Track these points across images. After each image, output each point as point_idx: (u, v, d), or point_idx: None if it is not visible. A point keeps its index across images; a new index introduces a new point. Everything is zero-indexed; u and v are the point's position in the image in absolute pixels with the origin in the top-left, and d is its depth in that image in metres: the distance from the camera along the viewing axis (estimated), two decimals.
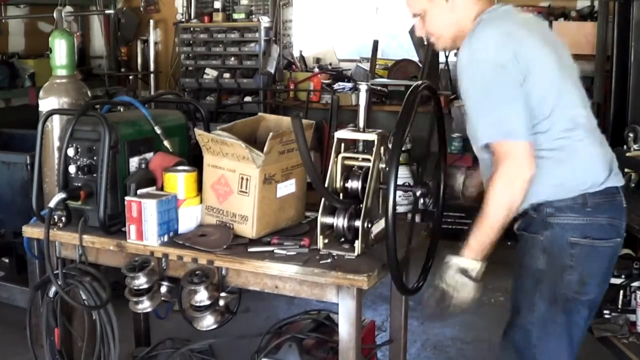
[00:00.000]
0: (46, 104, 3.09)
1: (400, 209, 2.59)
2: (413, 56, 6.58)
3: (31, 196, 2.57)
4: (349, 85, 6.62)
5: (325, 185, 2.27)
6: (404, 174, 2.73)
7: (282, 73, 6.87)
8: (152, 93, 7.14)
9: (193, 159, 2.64)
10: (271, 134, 2.33)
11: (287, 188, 2.47)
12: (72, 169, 2.50)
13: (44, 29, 6.76)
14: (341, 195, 2.32)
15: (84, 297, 2.50)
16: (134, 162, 2.53)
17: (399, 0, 6.91)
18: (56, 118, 2.96)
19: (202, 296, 2.27)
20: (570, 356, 2.26)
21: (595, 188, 2.18)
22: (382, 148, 2.28)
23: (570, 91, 2.23)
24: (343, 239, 2.29)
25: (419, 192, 2.34)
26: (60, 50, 3.11)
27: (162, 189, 2.47)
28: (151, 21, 7.23)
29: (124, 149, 2.48)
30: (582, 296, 2.21)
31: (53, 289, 2.54)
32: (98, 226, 2.44)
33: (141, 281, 2.33)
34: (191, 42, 7.12)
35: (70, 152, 2.49)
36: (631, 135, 4.00)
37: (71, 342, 2.71)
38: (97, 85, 6.77)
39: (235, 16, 7.05)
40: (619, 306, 3.57)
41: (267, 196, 2.39)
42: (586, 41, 5.38)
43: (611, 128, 4.70)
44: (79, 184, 2.49)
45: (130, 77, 7.42)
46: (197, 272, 2.28)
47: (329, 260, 2.21)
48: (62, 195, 2.45)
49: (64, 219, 2.51)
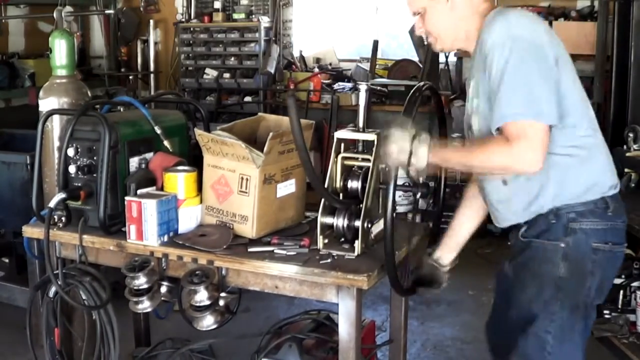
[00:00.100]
0: (46, 104, 3.09)
1: (400, 209, 2.60)
2: (413, 56, 6.58)
3: (31, 196, 2.57)
4: (349, 85, 6.62)
5: (325, 185, 2.27)
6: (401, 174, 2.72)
7: (282, 73, 6.86)
8: (152, 93, 7.14)
9: (193, 159, 2.64)
10: (271, 134, 2.33)
11: (287, 188, 2.47)
12: (72, 169, 2.50)
13: (44, 29, 6.76)
14: (341, 195, 2.32)
15: (84, 297, 2.50)
16: (134, 162, 2.53)
17: (399, 0, 6.93)
18: (56, 118, 2.96)
19: (202, 296, 2.27)
20: None
21: (613, 191, 2.13)
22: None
23: (584, 92, 2.16)
24: (343, 239, 2.29)
25: (419, 193, 2.34)
26: (60, 50, 3.10)
27: (162, 189, 2.47)
28: (151, 21, 7.23)
29: (124, 149, 2.49)
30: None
31: (53, 289, 2.54)
32: (98, 226, 2.44)
33: (141, 281, 2.33)
34: (191, 42, 7.12)
35: (70, 152, 2.49)
36: (631, 135, 4.00)
37: (71, 342, 2.71)
38: (97, 85, 6.76)
39: (235, 16, 7.04)
40: (619, 306, 3.57)
41: (267, 196, 2.39)
42: (586, 41, 5.37)
43: (611, 128, 4.70)
44: (79, 184, 2.49)
45: (130, 77, 7.42)
46: (197, 272, 2.28)
47: (329, 260, 2.21)
48: (62, 195, 2.45)
49: (64, 219, 2.51)
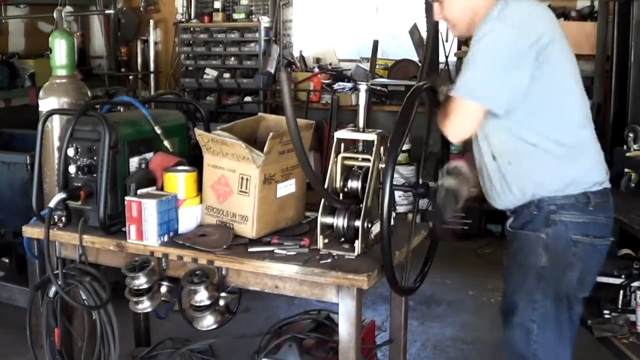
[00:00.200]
0: (46, 104, 3.09)
1: (400, 209, 2.60)
2: (413, 56, 6.57)
3: (31, 196, 2.57)
4: (349, 85, 6.62)
5: (325, 186, 2.27)
6: (406, 174, 2.72)
7: None
8: (152, 93, 7.13)
9: (193, 159, 2.64)
10: (271, 134, 2.33)
11: (287, 188, 2.46)
12: (72, 169, 2.50)
13: (44, 29, 6.76)
14: (341, 195, 2.32)
15: (84, 297, 2.50)
16: (134, 162, 2.53)
17: (399, 0, 6.93)
18: (56, 118, 2.96)
19: (202, 296, 2.27)
20: (569, 353, 2.29)
21: (597, 187, 2.22)
22: (382, 148, 2.28)
23: (581, 89, 2.27)
24: (343, 239, 2.29)
25: (418, 193, 2.34)
26: (60, 50, 3.10)
27: (162, 189, 2.47)
28: (151, 21, 7.22)
29: (124, 149, 2.49)
30: (580, 294, 2.25)
31: (53, 289, 2.54)
32: (98, 226, 2.44)
33: (141, 281, 2.33)
34: (191, 42, 7.11)
35: (70, 152, 2.49)
36: (631, 135, 3.99)
37: (71, 342, 2.71)
38: (97, 85, 6.76)
39: (235, 16, 7.04)
40: (619, 306, 3.56)
41: (267, 196, 2.39)
42: (586, 41, 5.37)
43: (611, 128, 4.70)
44: (79, 184, 2.49)
45: (130, 77, 7.41)
46: (197, 272, 2.28)
47: (329, 260, 2.21)
48: (62, 195, 2.45)
49: (64, 219, 2.51)
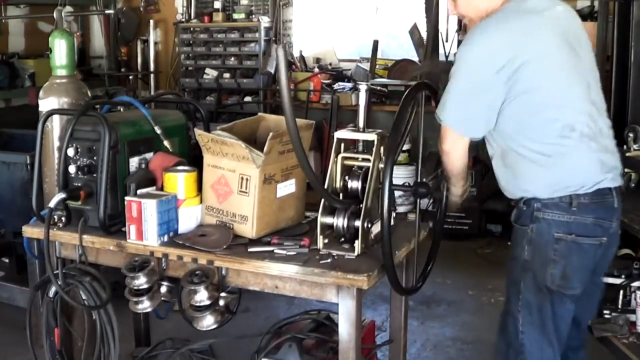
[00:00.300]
0: (46, 104, 3.08)
1: (400, 209, 2.60)
2: (413, 56, 6.57)
3: (31, 196, 2.57)
4: (349, 85, 6.61)
5: (325, 186, 2.27)
6: (406, 174, 2.72)
7: None
8: (152, 93, 7.13)
9: (193, 159, 2.64)
10: (271, 134, 2.33)
11: (287, 188, 2.46)
12: (72, 169, 2.50)
13: (44, 29, 6.76)
14: (341, 195, 2.32)
15: (84, 297, 2.50)
16: (134, 162, 2.53)
17: (399, 0, 6.92)
18: (56, 118, 2.96)
19: (202, 296, 2.27)
20: (557, 347, 2.31)
21: (584, 190, 2.22)
22: (382, 148, 2.28)
23: (577, 97, 2.25)
24: (343, 239, 2.29)
25: (418, 193, 2.34)
26: (60, 50, 3.10)
27: (162, 189, 2.47)
28: (151, 21, 7.22)
29: (124, 149, 2.49)
30: (566, 290, 2.27)
31: (53, 289, 2.54)
32: (98, 226, 2.44)
33: (141, 281, 2.33)
34: (191, 42, 7.12)
35: (70, 152, 2.49)
36: (631, 135, 3.99)
37: (71, 342, 2.71)
38: (97, 85, 6.76)
39: (235, 16, 7.04)
40: (619, 306, 3.56)
41: (267, 196, 2.39)
42: None
43: (611, 128, 4.69)
44: (79, 184, 2.49)
45: (130, 77, 7.41)
46: (197, 272, 2.28)
47: (328, 260, 2.21)
48: (62, 195, 2.45)
49: (64, 219, 2.51)
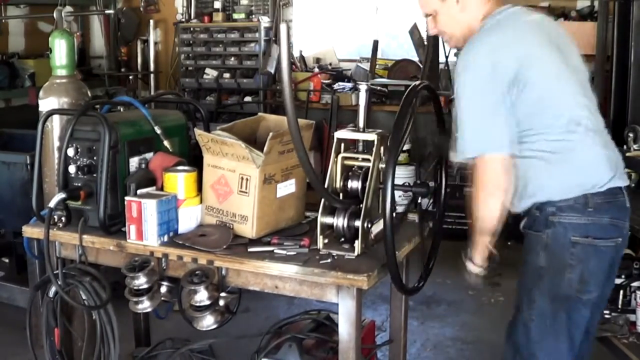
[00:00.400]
0: (46, 104, 3.08)
1: (400, 209, 2.59)
2: (413, 56, 6.57)
3: (31, 196, 2.57)
4: (349, 85, 6.61)
5: (325, 186, 2.27)
6: (406, 174, 2.73)
7: None
8: (152, 93, 7.13)
9: (193, 159, 2.64)
10: (271, 134, 2.33)
11: (287, 188, 2.46)
12: (72, 169, 2.50)
13: (44, 29, 6.76)
14: (341, 195, 2.32)
15: (84, 297, 2.50)
16: (134, 162, 2.53)
17: (399, 0, 6.92)
18: (56, 118, 2.96)
19: (202, 296, 2.27)
20: (570, 356, 2.28)
21: (597, 189, 2.20)
22: (382, 148, 2.28)
23: (574, 92, 2.25)
24: (343, 239, 2.29)
25: (418, 193, 2.34)
26: (60, 50, 3.10)
27: (162, 189, 2.47)
28: (151, 21, 7.21)
29: (124, 149, 2.48)
30: (583, 295, 2.23)
31: (53, 289, 2.54)
32: (98, 226, 2.44)
33: (141, 281, 2.33)
34: (191, 42, 7.11)
35: (70, 152, 2.49)
36: (631, 135, 3.99)
37: (71, 342, 2.71)
38: (97, 85, 6.76)
39: (235, 16, 7.04)
40: (619, 306, 3.56)
41: (267, 196, 2.39)
42: (586, 41, 5.36)
43: (611, 128, 4.68)
44: (79, 184, 2.49)
45: (130, 77, 7.41)
46: (197, 272, 2.28)
47: (328, 260, 2.21)
48: (62, 195, 2.45)
49: (64, 219, 2.51)
